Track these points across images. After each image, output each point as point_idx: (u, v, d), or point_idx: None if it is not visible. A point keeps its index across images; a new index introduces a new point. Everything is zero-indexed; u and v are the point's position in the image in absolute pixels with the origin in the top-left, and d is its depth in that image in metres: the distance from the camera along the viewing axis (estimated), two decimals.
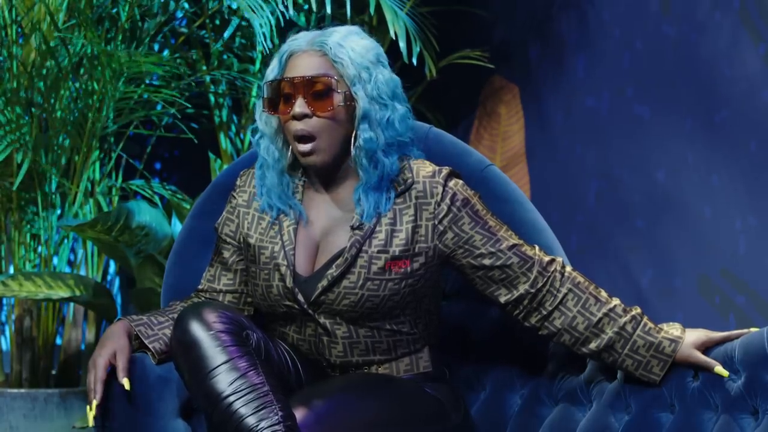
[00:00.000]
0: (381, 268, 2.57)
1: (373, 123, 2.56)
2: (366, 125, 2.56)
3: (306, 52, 2.58)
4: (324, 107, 2.55)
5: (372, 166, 2.56)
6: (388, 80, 2.59)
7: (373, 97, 2.56)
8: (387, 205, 2.58)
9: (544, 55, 4.41)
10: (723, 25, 3.81)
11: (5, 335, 4.55)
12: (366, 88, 2.56)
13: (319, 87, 2.55)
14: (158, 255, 3.87)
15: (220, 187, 2.87)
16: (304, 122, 2.55)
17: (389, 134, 2.57)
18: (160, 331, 2.63)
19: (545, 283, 2.59)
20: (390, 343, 2.63)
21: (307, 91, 2.55)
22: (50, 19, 3.86)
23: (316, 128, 2.55)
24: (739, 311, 3.78)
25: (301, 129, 2.55)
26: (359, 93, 2.56)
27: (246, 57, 4.31)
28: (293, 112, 2.55)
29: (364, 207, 2.57)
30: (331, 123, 2.56)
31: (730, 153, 3.79)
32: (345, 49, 2.57)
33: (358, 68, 2.56)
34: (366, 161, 2.56)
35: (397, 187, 2.60)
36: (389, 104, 2.58)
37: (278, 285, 2.61)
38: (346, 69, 2.56)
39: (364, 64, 2.57)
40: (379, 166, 2.56)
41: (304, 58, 2.58)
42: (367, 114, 2.56)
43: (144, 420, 2.60)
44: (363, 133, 2.56)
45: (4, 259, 4.10)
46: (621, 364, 2.58)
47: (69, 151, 4.02)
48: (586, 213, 4.24)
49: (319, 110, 2.55)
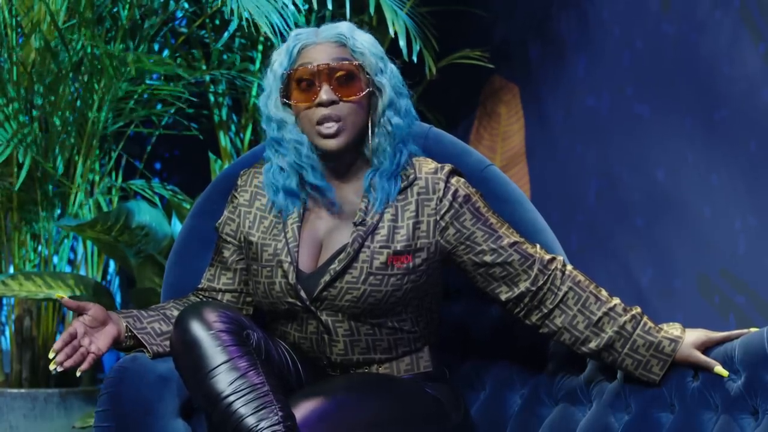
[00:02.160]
0: (383, 263, 2.58)
1: (400, 111, 2.61)
2: (392, 112, 2.60)
3: (321, 44, 2.61)
4: (351, 92, 2.58)
5: (393, 153, 2.60)
6: (398, 72, 2.64)
7: (393, 86, 2.60)
8: (395, 194, 2.60)
9: (544, 54, 4.41)
10: (723, 24, 3.81)
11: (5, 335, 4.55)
12: (387, 77, 2.60)
13: (344, 73, 2.57)
14: (158, 255, 3.87)
15: (220, 186, 2.87)
16: (331, 108, 2.57)
17: (408, 122, 2.62)
18: (149, 324, 2.64)
19: (546, 281, 2.59)
20: (391, 341, 2.63)
21: (332, 77, 2.57)
22: (50, 18, 3.87)
23: (343, 113, 2.57)
24: (739, 311, 3.78)
25: (327, 113, 2.57)
26: (383, 81, 2.60)
27: (246, 56, 4.31)
28: (319, 99, 2.57)
29: (377, 193, 2.59)
30: (356, 108, 2.59)
31: (730, 152, 3.79)
32: (359, 40, 2.60)
33: (375, 58, 2.60)
34: (390, 148, 2.60)
35: (401, 180, 2.61)
36: (405, 94, 2.64)
37: (281, 282, 2.61)
38: (366, 58, 2.60)
39: (379, 54, 2.62)
40: (398, 154, 2.60)
41: (322, 48, 2.60)
42: (392, 102, 2.60)
43: (144, 420, 2.60)
44: (392, 118, 2.60)
45: (4, 259, 4.10)
46: (621, 364, 2.58)
47: (69, 151, 4.02)
48: (586, 212, 4.24)
49: (346, 95, 2.57)
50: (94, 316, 2.59)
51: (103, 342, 2.59)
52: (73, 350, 2.57)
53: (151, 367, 2.61)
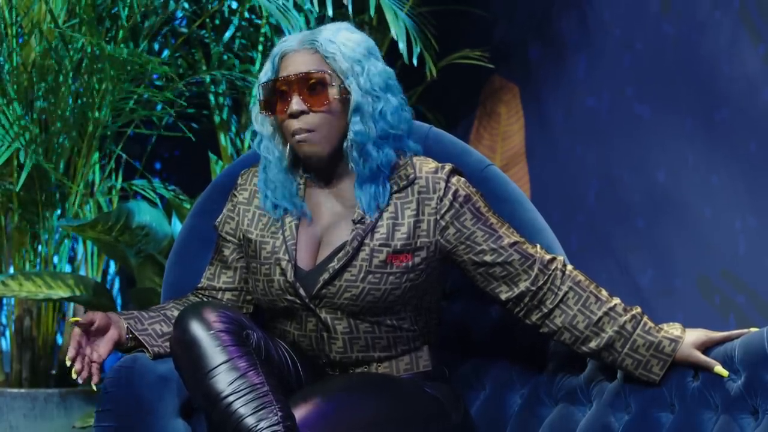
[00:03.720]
0: (382, 261, 2.58)
1: (365, 115, 2.58)
2: (357, 118, 2.58)
3: (297, 51, 2.60)
4: (320, 102, 2.56)
5: (362, 159, 2.58)
6: (380, 72, 2.61)
7: (366, 89, 2.58)
8: (384, 197, 2.59)
9: (544, 55, 4.41)
10: (723, 25, 3.81)
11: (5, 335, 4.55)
12: (359, 80, 2.58)
13: (314, 82, 2.56)
14: (158, 255, 3.87)
15: (220, 186, 2.87)
16: (301, 119, 2.56)
17: (381, 126, 2.59)
18: (150, 326, 2.64)
19: (546, 280, 2.59)
20: (390, 339, 2.63)
21: (302, 88, 2.56)
22: (51, 18, 3.87)
23: (313, 124, 2.57)
24: (739, 311, 3.78)
25: (298, 127, 2.56)
26: (352, 86, 2.58)
27: (246, 57, 4.31)
28: (290, 110, 2.57)
29: (363, 200, 2.58)
30: (328, 116, 2.57)
31: (730, 153, 3.79)
32: (336, 44, 2.59)
33: (349, 62, 2.58)
34: (356, 154, 2.58)
35: (399, 182, 2.61)
36: (382, 96, 2.59)
37: (279, 279, 2.61)
38: (338, 63, 2.58)
39: (356, 57, 2.59)
40: (369, 159, 2.58)
41: (296, 56, 2.59)
42: (359, 107, 2.58)
43: (144, 420, 2.60)
44: (354, 125, 2.58)
45: (4, 259, 4.10)
46: (621, 364, 2.58)
47: (69, 151, 4.02)
48: (586, 213, 4.24)
49: (315, 105, 2.56)
50: (99, 326, 2.60)
51: (103, 348, 2.61)
52: (82, 359, 2.58)
53: (151, 367, 2.61)
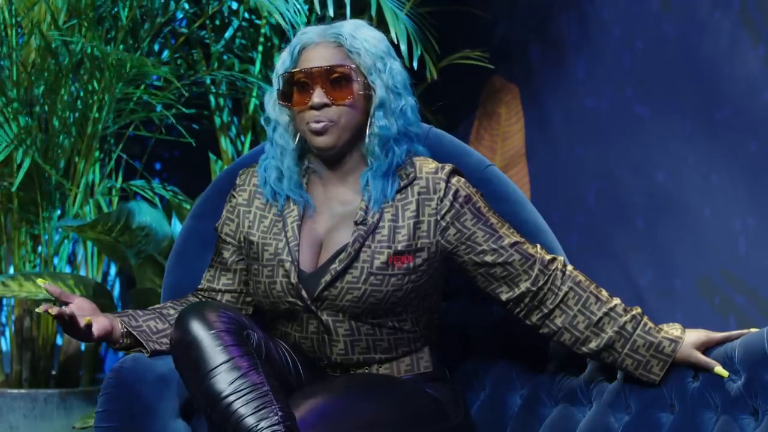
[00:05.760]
0: (384, 263, 2.58)
1: (388, 112, 2.60)
2: (381, 113, 2.60)
3: (320, 44, 2.61)
4: (343, 96, 2.58)
5: (384, 153, 2.60)
6: (401, 71, 2.64)
7: (388, 86, 2.60)
8: (392, 192, 2.60)
9: (544, 55, 4.41)
10: (723, 25, 3.81)
11: (5, 335, 4.55)
12: (382, 77, 2.60)
13: (338, 76, 2.58)
14: (158, 255, 3.87)
15: (220, 187, 2.87)
16: (322, 111, 2.58)
17: (401, 123, 2.62)
18: (144, 323, 2.64)
19: (546, 281, 2.59)
20: (391, 341, 2.63)
21: (325, 81, 2.58)
22: (51, 18, 3.87)
23: (333, 116, 2.58)
24: (739, 311, 3.78)
25: (317, 117, 2.57)
26: (376, 82, 2.60)
27: (246, 58, 4.31)
28: (311, 103, 2.58)
29: (372, 192, 2.59)
30: (349, 110, 2.59)
31: (730, 153, 3.79)
32: (359, 39, 2.60)
33: (373, 58, 2.60)
34: (379, 149, 2.59)
35: (401, 180, 2.61)
36: (403, 94, 2.63)
37: (282, 281, 2.61)
38: (362, 59, 2.60)
39: (379, 54, 2.61)
40: (390, 154, 2.60)
41: (318, 49, 2.60)
42: (383, 102, 2.60)
43: (144, 420, 2.60)
44: (378, 120, 2.59)
45: (4, 259, 4.11)
46: (621, 364, 2.58)
47: (69, 152, 4.02)
48: (586, 213, 4.24)
49: (338, 99, 2.58)
50: (79, 305, 2.58)
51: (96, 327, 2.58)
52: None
53: (151, 367, 2.61)
